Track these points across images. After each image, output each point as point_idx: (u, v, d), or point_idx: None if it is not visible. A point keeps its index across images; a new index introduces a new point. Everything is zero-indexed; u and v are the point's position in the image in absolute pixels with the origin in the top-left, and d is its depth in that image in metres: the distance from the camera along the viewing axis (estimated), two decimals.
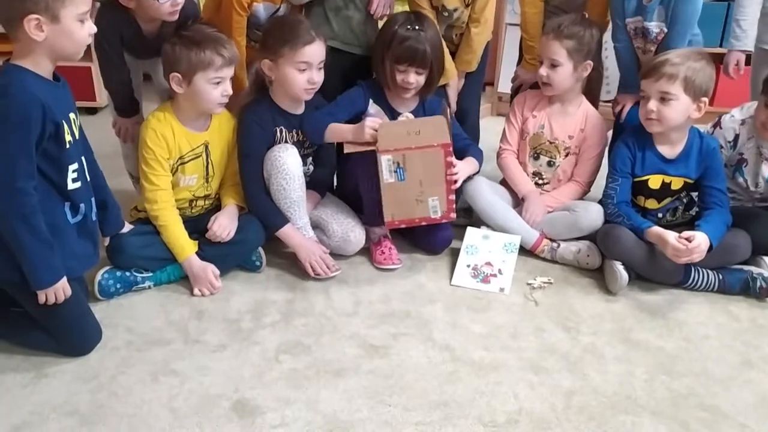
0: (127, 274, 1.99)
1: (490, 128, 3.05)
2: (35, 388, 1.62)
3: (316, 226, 2.21)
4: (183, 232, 2.04)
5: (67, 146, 1.62)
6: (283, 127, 2.16)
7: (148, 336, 1.82)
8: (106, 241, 1.96)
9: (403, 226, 2.14)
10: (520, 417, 1.58)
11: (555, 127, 2.36)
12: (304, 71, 2.06)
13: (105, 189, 1.88)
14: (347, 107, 2.23)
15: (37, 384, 1.63)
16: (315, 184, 2.27)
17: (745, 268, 2.11)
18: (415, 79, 2.18)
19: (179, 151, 2.04)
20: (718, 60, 2.40)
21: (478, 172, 2.29)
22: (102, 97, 3.48)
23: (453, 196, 2.10)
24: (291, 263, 2.19)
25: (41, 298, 1.63)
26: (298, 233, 2.13)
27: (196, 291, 2.02)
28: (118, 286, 1.97)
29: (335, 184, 2.47)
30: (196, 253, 2.04)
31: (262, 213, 2.12)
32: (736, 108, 2.23)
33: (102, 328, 1.80)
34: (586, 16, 2.37)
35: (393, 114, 2.28)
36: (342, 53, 2.33)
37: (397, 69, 2.17)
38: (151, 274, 2.02)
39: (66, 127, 1.61)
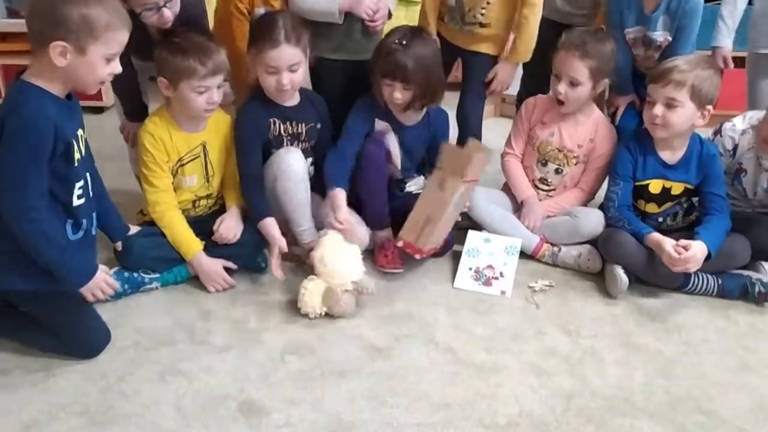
0: (135, 275, 2.02)
1: (495, 129, 3.07)
2: (45, 387, 1.65)
3: (320, 227, 2.23)
4: (188, 230, 2.07)
5: (76, 164, 1.64)
6: (276, 119, 2.16)
7: (156, 336, 1.85)
8: (119, 245, 1.99)
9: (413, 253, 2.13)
10: (521, 419, 1.61)
11: (565, 136, 2.34)
12: (272, 74, 2.06)
13: (106, 197, 1.90)
14: (358, 134, 2.23)
15: (47, 383, 1.66)
16: (317, 185, 2.27)
17: (745, 273, 2.13)
18: (401, 93, 2.15)
19: (177, 153, 2.06)
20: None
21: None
22: (108, 96, 3.51)
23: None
24: (295, 264, 2.21)
25: (89, 297, 1.67)
26: (277, 228, 2.11)
27: (210, 288, 2.05)
28: (126, 286, 2.00)
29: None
30: None
31: (248, 204, 2.13)
32: (739, 116, 2.24)
33: (110, 330, 1.82)
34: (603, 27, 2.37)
35: (399, 126, 2.28)
36: (347, 62, 2.34)
37: (384, 83, 2.16)
38: (158, 275, 2.05)
39: (75, 145, 1.63)
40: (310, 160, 2.26)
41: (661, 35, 2.31)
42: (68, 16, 1.48)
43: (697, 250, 1.98)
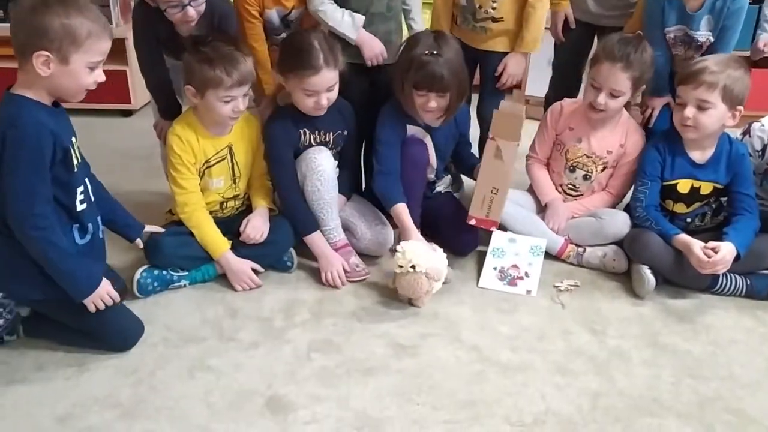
0: (164, 272, 2.05)
1: None
2: (78, 381, 1.69)
3: (345, 228, 2.25)
4: (216, 230, 2.10)
5: (75, 170, 1.66)
6: (306, 129, 2.20)
7: (185, 333, 1.89)
8: (139, 243, 2.01)
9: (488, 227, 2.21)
10: (547, 417, 1.61)
11: (594, 142, 2.31)
12: (311, 96, 2.09)
13: (112, 199, 1.93)
14: (394, 148, 2.21)
15: (80, 377, 1.70)
16: (341, 186, 2.29)
17: None
18: (437, 102, 2.13)
19: (204, 154, 2.09)
20: (750, 64, 2.41)
21: None
22: (137, 99, 3.56)
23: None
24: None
25: (90, 307, 1.69)
26: (323, 242, 2.17)
27: (237, 287, 2.08)
28: (156, 284, 2.03)
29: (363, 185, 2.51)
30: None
31: (293, 217, 2.17)
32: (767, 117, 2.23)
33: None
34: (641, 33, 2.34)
35: (429, 129, 2.28)
36: (368, 67, 2.34)
37: (416, 94, 2.13)
38: (186, 273, 2.08)
39: (72, 151, 1.65)
40: (336, 163, 2.28)
41: (703, 35, 2.28)
42: (50, 26, 1.50)
43: (725, 252, 1.96)
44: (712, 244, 1.98)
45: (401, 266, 1.96)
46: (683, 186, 2.15)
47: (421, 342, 1.88)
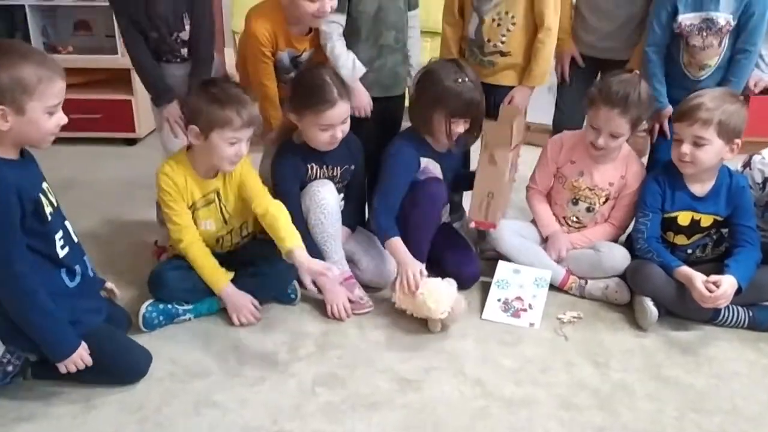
0: (169, 306, 2.06)
1: (521, 156, 3.08)
2: (85, 418, 1.69)
3: (348, 260, 2.27)
4: (214, 263, 2.08)
5: (49, 218, 1.65)
6: (314, 164, 2.23)
7: (190, 367, 1.89)
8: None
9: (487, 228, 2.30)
10: None
11: (596, 175, 2.33)
12: (326, 130, 2.12)
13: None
14: (404, 177, 2.22)
15: (87, 415, 1.70)
16: (346, 218, 2.32)
17: None
18: (464, 127, 2.21)
19: (191, 197, 2.07)
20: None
21: None
22: (141, 128, 3.61)
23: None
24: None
25: (62, 369, 1.68)
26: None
27: (235, 320, 2.07)
28: (161, 318, 2.05)
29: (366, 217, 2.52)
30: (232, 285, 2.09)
31: None
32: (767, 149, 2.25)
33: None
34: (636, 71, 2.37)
35: (440, 158, 2.32)
36: (377, 99, 2.38)
37: (452, 122, 2.17)
38: (191, 307, 2.09)
39: (43, 199, 1.64)
40: (341, 195, 2.31)
41: (723, 17, 2.26)
42: None
43: (727, 286, 1.97)
44: (713, 278, 2.00)
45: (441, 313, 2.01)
46: (683, 218, 2.17)
47: (425, 376, 1.88)
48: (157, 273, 2.07)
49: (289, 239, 1.98)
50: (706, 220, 2.16)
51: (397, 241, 2.14)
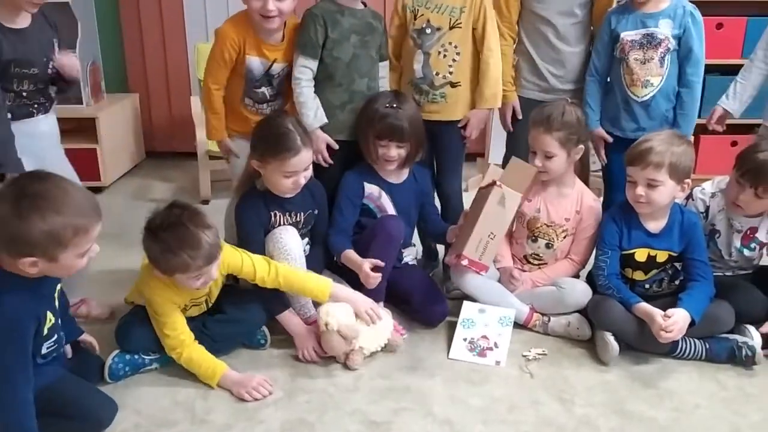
0: (136, 357, 2.05)
1: None
2: None
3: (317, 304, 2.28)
4: (207, 357, 2.03)
5: (45, 332, 1.66)
6: (277, 212, 2.26)
7: (156, 417, 1.87)
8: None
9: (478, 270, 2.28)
10: None
11: (551, 211, 2.41)
12: (289, 177, 2.17)
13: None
14: (351, 207, 2.40)
15: None
16: (311, 262, 2.33)
17: (731, 336, 2.18)
18: (397, 152, 2.34)
19: (183, 301, 2.07)
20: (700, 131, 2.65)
21: None
22: (107, 176, 3.61)
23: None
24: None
25: None
26: (296, 319, 2.20)
27: (247, 397, 1.95)
28: (127, 369, 2.03)
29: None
30: (202, 330, 2.08)
31: (263, 297, 2.16)
32: (708, 181, 2.35)
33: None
34: (569, 99, 2.46)
35: (389, 186, 2.42)
36: (345, 142, 2.43)
37: (378, 144, 2.33)
38: (157, 356, 2.08)
39: (46, 317, 1.64)
40: (306, 240, 2.34)
41: (662, 33, 2.42)
42: (29, 236, 1.46)
43: (678, 318, 2.04)
44: (670, 311, 2.06)
45: (325, 325, 2.06)
46: (640, 255, 2.24)
47: (394, 418, 1.89)
48: (124, 326, 2.08)
49: (320, 292, 2.13)
50: (661, 256, 2.24)
51: (349, 252, 2.31)
